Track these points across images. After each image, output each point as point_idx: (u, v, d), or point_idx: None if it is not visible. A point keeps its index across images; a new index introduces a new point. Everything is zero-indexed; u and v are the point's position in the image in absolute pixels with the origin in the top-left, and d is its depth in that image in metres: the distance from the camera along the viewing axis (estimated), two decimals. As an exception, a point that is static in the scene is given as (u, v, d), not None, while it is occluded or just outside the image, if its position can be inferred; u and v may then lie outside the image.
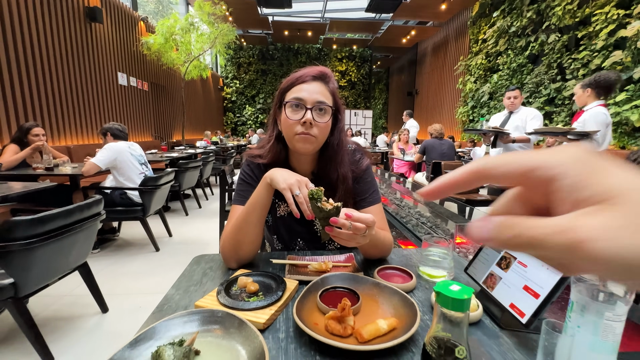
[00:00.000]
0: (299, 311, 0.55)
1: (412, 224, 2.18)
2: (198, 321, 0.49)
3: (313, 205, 0.61)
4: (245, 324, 0.48)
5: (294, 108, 0.76)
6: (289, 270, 0.73)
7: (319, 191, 0.62)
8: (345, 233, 0.60)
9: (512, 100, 2.93)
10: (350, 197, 0.86)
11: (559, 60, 5.02)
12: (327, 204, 0.60)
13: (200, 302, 0.58)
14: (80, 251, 1.61)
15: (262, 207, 0.74)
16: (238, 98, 12.65)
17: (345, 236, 0.60)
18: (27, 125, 2.73)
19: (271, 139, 0.84)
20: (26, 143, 2.71)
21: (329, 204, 0.60)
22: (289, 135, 0.78)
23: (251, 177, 0.86)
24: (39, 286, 1.41)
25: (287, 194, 0.66)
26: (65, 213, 1.38)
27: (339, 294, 0.62)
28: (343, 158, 0.84)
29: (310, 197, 0.61)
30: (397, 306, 0.58)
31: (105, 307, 1.79)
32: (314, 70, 0.80)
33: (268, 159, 0.84)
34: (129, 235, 3.09)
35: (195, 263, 0.80)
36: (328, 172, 0.84)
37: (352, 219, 0.59)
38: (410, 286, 0.67)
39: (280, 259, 0.82)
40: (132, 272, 2.33)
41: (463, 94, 7.85)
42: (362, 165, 0.89)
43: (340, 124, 0.85)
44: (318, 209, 0.60)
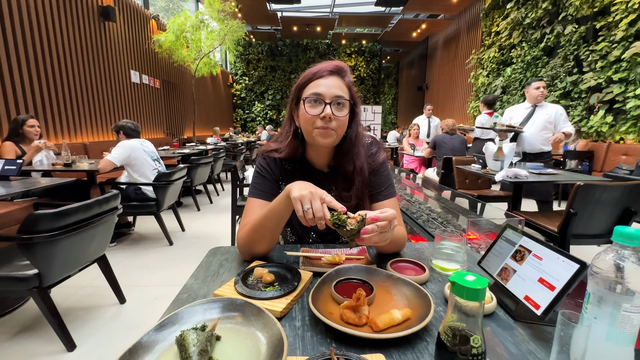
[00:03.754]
0: (315, 301, 0.57)
1: (423, 220, 2.18)
2: (219, 308, 0.51)
3: (340, 230, 0.60)
4: (263, 312, 0.50)
5: (313, 103, 0.77)
6: (302, 262, 0.75)
7: (340, 214, 0.60)
8: (375, 237, 0.61)
9: (542, 90, 2.77)
10: (366, 189, 0.87)
11: (576, 52, 4.87)
12: (352, 220, 0.60)
13: (219, 291, 0.60)
14: (100, 244, 1.67)
15: (280, 217, 0.72)
16: (247, 94, 12.72)
17: (376, 239, 0.61)
18: (22, 117, 2.72)
19: (289, 135, 0.86)
20: (22, 135, 2.69)
21: (353, 218, 0.60)
22: (307, 130, 0.79)
23: (267, 170, 0.88)
24: (62, 277, 1.47)
25: (296, 205, 0.63)
26: (85, 207, 1.43)
27: (353, 285, 0.64)
28: (359, 151, 0.85)
29: (336, 226, 0.60)
30: (411, 297, 0.59)
31: (123, 298, 1.85)
32: (330, 65, 0.81)
33: (285, 153, 0.86)
34: (144, 230, 3.17)
35: (211, 255, 0.83)
36: (345, 164, 0.85)
37: (379, 220, 0.60)
38: (423, 279, 0.68)
39: (294, 251, 0.84)
40: (147, 264, 2.39)
41: (475, 88, 7.71)
42: (379, 159, 0.89)
43: (357, 117, 0.85)
44: (346, 232, 0.59)
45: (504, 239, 0.66)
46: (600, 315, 0.40)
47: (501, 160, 2.27)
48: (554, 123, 2.78)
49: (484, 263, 0.68)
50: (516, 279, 0.58)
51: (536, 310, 0.50)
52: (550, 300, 0.49)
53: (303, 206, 0.62)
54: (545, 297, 0.50)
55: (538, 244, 0.58)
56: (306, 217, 0.61)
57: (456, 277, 0.43)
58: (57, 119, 3.77)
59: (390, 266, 0.72)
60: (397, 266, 0.74)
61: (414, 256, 0.82)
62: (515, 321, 0.55)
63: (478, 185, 3.19)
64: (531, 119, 2.84)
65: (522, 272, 0.57)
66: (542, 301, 0.50)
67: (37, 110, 3.50)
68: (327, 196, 0.63)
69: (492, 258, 0.66)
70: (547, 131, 2.81)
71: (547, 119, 2.78)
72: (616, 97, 4.18)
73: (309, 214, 0.61)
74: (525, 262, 0.58)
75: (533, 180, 2.13)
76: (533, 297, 0.52)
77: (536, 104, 2.82)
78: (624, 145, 4.12)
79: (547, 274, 0.52)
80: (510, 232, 0.66)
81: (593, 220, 1.92)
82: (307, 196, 0.62)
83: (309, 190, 0.63)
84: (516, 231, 0.65)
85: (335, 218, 0.60)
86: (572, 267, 0.49)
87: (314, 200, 0.62)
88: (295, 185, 0.66)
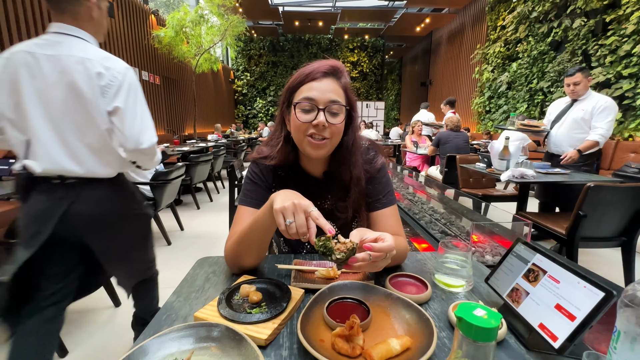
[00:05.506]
0: (304, 325, 0.51)
1: (426, 221, 2.11)
2: (193, 337, 0.45)
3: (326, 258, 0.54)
4: (245, 341, 0.45)
5: (305, 109, 0.71)
6: (294, 277, 0.69)
7: (327, 240, 0.53)
8: (366, 265, 0.55)
9: (572, 87, 2.38)
10: (363, 199, 0.81)
11: (584, 46, 4.74)
12: (342, 246, 0.53)
13: (200, 313, 0.55)
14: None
15: (265, 229, 0.65)
16: (249, 91, 12.64)
17: (367, 267, 0.56)
18: None
19: (280, 141, 0.79)
20: None
21: (343, 244, 0.54)
22: (298, 138, 0.73)
23: (259, 176, 0.82)
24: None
25: (278, 218, 0.56)
26: (75, 209, 1.38)
27: (348, 305, 0.58)
28: (357, 159, 0.79)
29: (322, 253, 0.53)
30: (411, 322, 0.53)
31: (117, 301, 1.81)
32: (324, 66, 0.74)
33: (276, 160, 0.80)
34: (142, 229, 3.13)
35: (198, 266, 0.77)
36: (340, 173, 0.79)
37: (373, 249, 0.55)
38: (425, 297, 0.62)
39: (286, 263, 0.78)
40: (144, 265, 2.35)
41: (479, 84, 7.58)
42: (377, 164, 0.83)
43: (354, 123, 0.79)
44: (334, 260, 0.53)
45: (515, 255, 0.60)
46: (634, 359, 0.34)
47: (507, 160, 2.19)
48: (589, 121, 2.34)
49: (492, 281, 0.62)
50: (529, 302, 0.52)
51: (553, 342, 0.44)
52: (569, 332, 0.43)
53: (285, 219, 0.56)
54: (563, 328, 0.44)
55: (554, 264, 0.51)
56: (289, 232, 0.55)
57: (463, 312, 0.37)
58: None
59: (389, 282, 0.66)
60: (396, 282, 0.68)
61: (416, 269, 0.77)
62: (528, 350, 0.49)
63: (483, 184, 3.12)
64: (565, 116, 2.47)
65: (536, 296, 0.51)
66: (560, 332, 0.44)
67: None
68: (313, 210, 0.56)
69: (502, 276, 0.60)
70: (579, 130, 2.38)
71: (582, 115, 2.34)
72: (626, 93, 4.06)
73: (292, 229, 0.55)
74: (539, 284, 0.52)
75: (540, 181, 2.06)
76: (549, 325, 0.46)
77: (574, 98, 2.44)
78: (633, 143, 4.01)
79: (566, 301, 0.46)
80: (521, 248, 0.60)
81: (603, 222, 1.85)
82: (289, 208, 0.56)
83: (291, 202, 0.56)
84: (528, 246, 0.58)
85: (322, 245, 0.53)
86: (596, 296, 0.43)
87: (297, 213, 0.55)
88: (279, 195, 0.60)
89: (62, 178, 1.05)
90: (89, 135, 1.06)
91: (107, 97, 1.03)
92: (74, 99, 1.02)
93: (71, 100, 1.02)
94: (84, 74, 1.01)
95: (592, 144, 2.33)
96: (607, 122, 2.28)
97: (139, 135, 1.07)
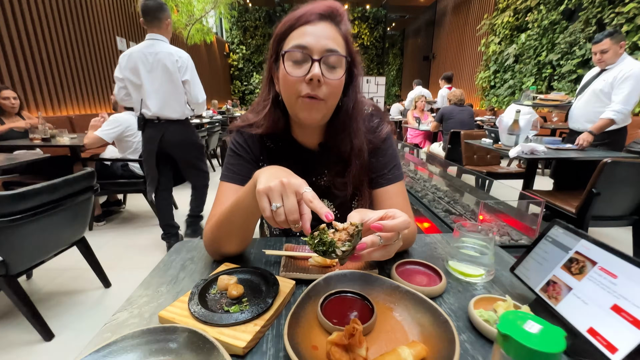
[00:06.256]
0: (294, 328, 0.41)
1: (428, 199, 2.02)
2: (145, 348, 0.35)
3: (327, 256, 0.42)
4: (217, 351, 0.35)
5: (296, 60, 0.57)
6: (285, 265, 0.59)
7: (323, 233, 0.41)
8: (377, 251, 0.44)
9: (599, 56, 2.09)
10: (366, 174, 0.69)
11: (600, 15, 4.44)
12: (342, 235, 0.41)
13: (166, 312, 0.45)
14: (76, 227, 1.53)
15: (249, 210, 0.53)
16: (245, 65, 12.16)
17: (377, 254, 0.44)
18: None
19: (267, 104, 0.66)
20: None
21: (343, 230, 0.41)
22: (289, 99, 0.60)
23: (243, 148, 0.70)
24: (32, 263, 1.35)
25: (262, 201, 0.44)
26: (49, 188, 1.27)
27: (347, 301, 0.48)
28: (358, 125, 0.66)
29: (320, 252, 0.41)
30: (425, 323, 0.43)
31: (107, 282, 1.74)
32: (321, 6, 0.59)
33: (264, 128, 0.67)
34: (135, 208, 3.05)
35: (174, 252, 0.67)
36: (339, 143, 0.66)
37: (384, 229, 0.42)
38: (439, 290, 0.52)
39: (276, 248, 0.68)
40: (137, 245, 2.29)
41: (485, 57, 7.25)
42: (381, 133, 0.71)
43: (356, 82, 0.65)
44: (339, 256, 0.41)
45: (550, 240, 0.50)
46: None
47: (516, 134, 2.06)
48: (610, 94, 2.06)
49: (519, 270, 0.52)
50: (572, 300, 0.42)
51: (611, 355, 0.34)
52: (637, 344, 0.33)
53: (271, 203, 0.44)
54: (626, 337, 0.34)
55: (608, 254, 0.41)
56: (275, 219, 0.43)
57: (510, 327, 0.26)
58: (37, 90, 3.52)
59: (395, 271, 0.56)
60: (404, 270, 0.58)
61: (425, 255, 0.67)
62: (569, 358, 0.40)
63: (487, 161, 3.00)
64: (588, 87, 2.20)
65: (583, 292, 0.41)
66: (620, 341, 0.35)
67: (13, 80, 3.24)
68: (307, 190, 0.44)
69: (533, 265, 0.50)
70: (598, 104, 2.11)
71: (601, 87, 2.07)
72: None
73: (280, 215, 0.43)
74: (586, 278, 0.42)
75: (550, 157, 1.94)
76: (603, 332, 0.36)
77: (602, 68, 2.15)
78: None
79: (628, 301, 0.36)
80: (559, 232, 0.49)
81: (615, 201, 1.75)
82: (276, 189, 0.43)
83: (279, 181, 0.43)
84: (569, 231, 0.48)
85: (318, 242, 0.41)
86: (678, 298, 0.32)
87: (286, 194, 0.43)
88: (264, 173, 0.48)
89: (159, 119, 1.99)
90: (173, 95, 1.97)
91: (181, 73, 1.96)
92: (166, 75, 1.92)
93: (164, 76, 1.92)
94: (170, 60, 1.90)
95: (606, 123, 2.06)
96: (626, 96, 1.98)
97: (197, 95, 2.04)
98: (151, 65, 1.87)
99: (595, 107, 2.17)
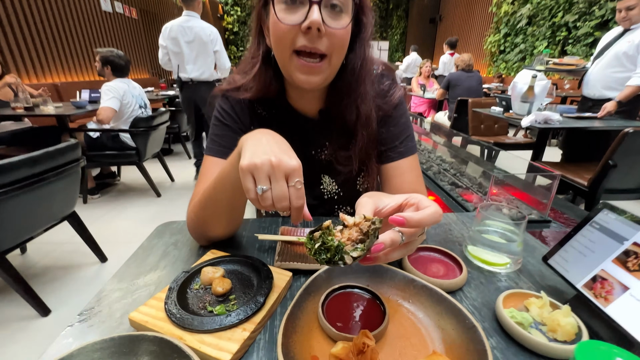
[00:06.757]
0: (290, 335, 0.34)
1: (433, 171, 1.93)
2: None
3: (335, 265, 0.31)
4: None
5: (290, 2, 0.45)
6: (280, 252, 0.51)
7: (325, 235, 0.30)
8: (396, 252, 0.34)
9: (625, 13, 1.87)
10: (374, 146, 0.60)
11: (626, -32, 4.06)
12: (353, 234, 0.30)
13: (138, 314, 0.37)
14: (64, 201, 1.46)
15: (234, 187, 0.44)
16: (240, 29, 11.46)
17: (397, 255, 0.34)
18: None
19: (256, 61, 0.55)
20: None
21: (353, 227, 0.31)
22: (282, 54, 0.48)
23: (230, 115, 0.60)
24: (19, 241, 1.29)
25: (245, 180, 0.35)
26: (29, 161, 1.18)
27: (353, 299, 0.41)
28: (366, 89, 0.55)
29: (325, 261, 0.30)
30: (446, 326, 0.36)
31: (103, 257, 1.71)
32: None
33: (253, 91, 0.56)
34: (130, 180, 2.97)
35: (156, 235, 0.60)
36: (343, 110, 0.55)
37: (408, 224, 0.31)
38: (460, 282, 0.45)
39: (271, 231, 0.60)
40: (133, 218, 2.24)
41: (496, 19, 6.79)
42: (393, 98, 0.60)
43: (365, 33, 0.52)
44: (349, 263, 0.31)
45: (597, 227, 0.41)
46: None
47: (530, 102, 1.92)
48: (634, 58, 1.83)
49: (554, 261, 0.44)
50: (628, 301, 0.34)
51: (688, 378, 0.27)
52: None
53: (257, 184, 0.35)
54: None
55: (682, 248, 0.33)
56: (262, 203, 0.35)
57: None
58: (17, 55, 3.28)
59: (408, 259, 0.49)
60: (418, 258, 0.51)
61: (439, 238, 0.59)
62: (620, 370, 0.33)
63: (494, 131, 2.87)
64: (608, 50, 1.97)
65: (645, 294, 0.33)
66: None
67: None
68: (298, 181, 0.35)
69: (572, 255, 0.42)
70: (619, 69, 1.90)
71: (625, 49, 1.84)
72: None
73: (266, 199, 0.35)
74: (650, 277, 0.34)
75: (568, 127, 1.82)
76: (674, 346, 0.29)
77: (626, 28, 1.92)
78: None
79: None
80: (610, 217, 0.41)
81: (631, 173, 1.67)
82: (263, 169, 0.34)
83: (267, 160, 0.34)
84: (623, 216, 0.39)
85: (320, 247, 0.30)
86: None
87: (274, 178, 0.35)
88: (250, 141, 0.38)
89: (192, 81, 2.54)
90: (205, 62, 2.53)
91: (213, 45, 2.52)
92: (202, 46, 2.46)
93: (200, 47, 2.46)
94: (204, 34, 2.43)
95: (633, 91, 1.86)
96: None
97: (225, 62, 2.64)
98: (189, 37, 2.41)
99: (615, 73, 1.99)
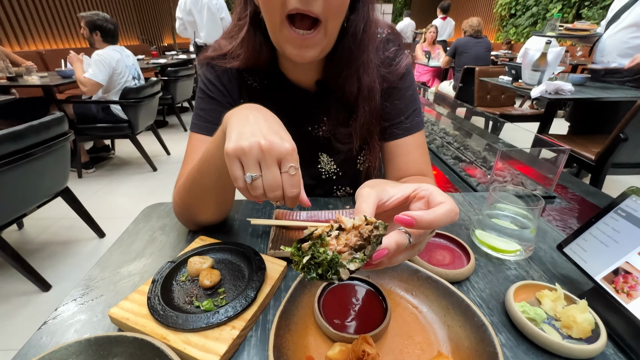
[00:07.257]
0: (283, 334, 0.31)
1: (437, 145, 1.87)
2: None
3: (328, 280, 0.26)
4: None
5: None
6: (274, 239, 0.48)
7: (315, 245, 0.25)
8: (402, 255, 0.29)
9: None
10: (377, 121, 0.54)
11: None
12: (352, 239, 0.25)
13: (119, 310, 0.34)
14: (54, 177, 1.42)
15: (221, 169, 0.39)
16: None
17: (402, 258, 0.29)
18: None
19: (243, 24, 0.48)
20: None
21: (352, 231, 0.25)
22: (271, 19, 0.41)
23: (216, 87, 0.53)
24: (10, 218, 1.26)
25: (232, 167, 0.31)
26: (12, 136, 1.12)
27: (352, 292, 0.38)
28: (369, 57, 0.48)
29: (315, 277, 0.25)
30: (453, 323, 0.34)
31: (101, 232, 1.70)
32: None
33: (242, 60, 0.49)
34: (125, 153, 2.91)
35: (143, 219, 0.56)
36: (343, 82, 0.49)
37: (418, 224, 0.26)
38: (467, 272, 0.42)
39: (265, 214, 0.57)
40: (129, 193, 2.21)
41: (508, -22, 6.33)
42: (399, 67, 0.53)
43: None
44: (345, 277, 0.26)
45: (623, 215, 0.37)
46: None
47: (541, 71, 1.81)
48: None
49: (570, 249, 0.41)
50: (656, 299, 0.31)
51: None
52: None
53: (245, 171, 0.30)
54: None
55: None
56: (251, 192, 0.31)
57: None
58: (-3, 19, 3.08)
59: (411, 246, 0.45)
60: (421, 244, 0.47)
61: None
62: (639, 371, 0.31)
63: (500, 101, 2.76)
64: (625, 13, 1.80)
65: (677, 292, 0.30)
66: None
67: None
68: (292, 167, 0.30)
69: (592, 244, 0.39)
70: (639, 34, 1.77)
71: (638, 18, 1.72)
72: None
73: (257, 188, 0.30)
74: (685, 273, 0.30)
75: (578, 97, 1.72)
76: None
77: None
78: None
79: None
80: (638, 203, 0.37)
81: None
82: (252, 154, 0.30)
83: (256, 142, 0.30)
84: (655, 204, 0.35)
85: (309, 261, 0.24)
86: None
87: (265, 164, 0.30)
88: (236, 119, 0.33)
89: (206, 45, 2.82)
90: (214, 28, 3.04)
91: (219, 12, 3.05)
92: (210, 15, 3.01)
93: (209, 16, 3.01)
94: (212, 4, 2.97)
95: None
96: None
97: None
98: (200, 7, 2.92)
99: (633, 38, 1.84)
